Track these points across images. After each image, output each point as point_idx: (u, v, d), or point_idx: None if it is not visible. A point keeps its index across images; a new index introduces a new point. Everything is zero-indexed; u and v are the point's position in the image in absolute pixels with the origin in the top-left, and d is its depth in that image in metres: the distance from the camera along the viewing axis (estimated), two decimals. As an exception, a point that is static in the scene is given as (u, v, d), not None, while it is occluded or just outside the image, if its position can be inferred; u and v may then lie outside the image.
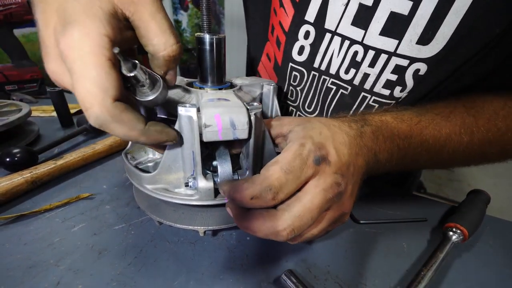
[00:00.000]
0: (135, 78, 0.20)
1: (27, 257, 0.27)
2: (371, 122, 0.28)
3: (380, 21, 0.31)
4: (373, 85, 0.35)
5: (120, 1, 0.19)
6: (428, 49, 0.30)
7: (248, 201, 0.21)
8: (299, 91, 0.43)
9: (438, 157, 0.32)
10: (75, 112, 0.68)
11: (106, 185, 0.40)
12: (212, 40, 0.26)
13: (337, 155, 0.23)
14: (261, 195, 0.21)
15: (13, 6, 0.73)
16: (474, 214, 0.34)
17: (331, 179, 0.22)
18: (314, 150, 0.22)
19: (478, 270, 0.30)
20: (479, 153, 0.33)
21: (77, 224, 0.32)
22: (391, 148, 0.28)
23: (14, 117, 0.48)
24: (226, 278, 0.27)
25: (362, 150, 0.26)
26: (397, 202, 0.41)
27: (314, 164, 0.22)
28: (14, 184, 0.35)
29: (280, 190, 0.21)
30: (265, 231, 0.22)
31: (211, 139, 0.23)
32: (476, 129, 0.31)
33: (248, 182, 0.21)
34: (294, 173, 0.21)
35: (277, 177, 0.21)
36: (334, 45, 0.36)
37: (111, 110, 0.18)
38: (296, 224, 0.21)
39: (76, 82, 0.18)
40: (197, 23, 2.36)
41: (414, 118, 0.30)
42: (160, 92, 0.22)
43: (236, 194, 0.22)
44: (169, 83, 0.24)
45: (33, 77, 0.82)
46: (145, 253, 0.29)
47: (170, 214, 0.30)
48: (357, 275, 0.28)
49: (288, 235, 0.21)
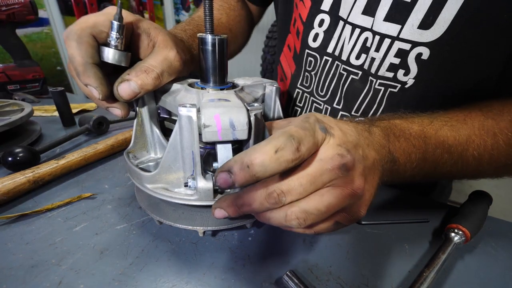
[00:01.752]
0: (121, 27, 0.25)
1: (29, 256, 0.27)
2: (378, 124, 0.28)
3: (384, 8, 0.32)
4: (377, 69, 0.36)
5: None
6: (430, 33, 0.31)
7: (273, 156, 0.18)
8: (313, 75, 0.46)
9: (463, 162, 0.31)
10: (77, 111, 0.68)
11: (107, 184, 0.40)
12: (214, 41, 0.26)
13: (342, 132, 0.22)
14: (286, 145, 0.19)
15: (16, 6, 0.73)
16: (476, 215, 0.34)
17: (333, 149, 0.21)
18: (318, 121, 0.22)
19: (480, 272, 0.30)
20: (508, 156, 0.31)
21: (79, 224, 0.32)
22: (406, 147, 0.27)
23: (16, 116, 0.49)
24: (228, 279, 0.27)
25: (373, 144, 0.25)
26: (398, 203, 0.41)
27: (321, 132, 0.21)
28: (16, 183, 0.35)
29: (301, 141, 0.19)
30: (277, 217, 0.21)
31: (211, 140, 0.23)
32: (499, 131, 0.30)
33: (264, 141, 0.20)
34: (308, 130, 0.20)
35: (294, 130, 0.20)
36: (346, 32, 0.38)
37: (83, 35, 0.25)
38: (306, 207, 0.20)
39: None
40: (198, 24, 2.37)
41: (425, 120, 0.30)
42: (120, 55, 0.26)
43: (255, 155, 0.19)
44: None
45: (35, 76, 0.82)
46: (146, 253, 0.29)
47: (170, 213, 0.30)
48: (359, 276, 0.28)
49: (299, 221, 0.20)
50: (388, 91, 0.37)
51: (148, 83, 0.27)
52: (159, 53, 0.28)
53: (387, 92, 0.38)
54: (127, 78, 0.26)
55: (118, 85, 0.27)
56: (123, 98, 0.27)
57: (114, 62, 0.26)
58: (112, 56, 0.26)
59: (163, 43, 0.28)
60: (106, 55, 0.26)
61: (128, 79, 0.26)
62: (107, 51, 0.26)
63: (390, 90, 0.37)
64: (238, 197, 0.23)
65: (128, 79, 0.26)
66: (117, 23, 0.25)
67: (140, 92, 0.27)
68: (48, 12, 2.18)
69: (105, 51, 0.26)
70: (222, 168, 0.20)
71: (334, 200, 0.21)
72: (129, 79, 0.26)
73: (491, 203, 0.38)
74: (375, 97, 0.39)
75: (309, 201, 0.21)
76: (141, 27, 0.28)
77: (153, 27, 0.28)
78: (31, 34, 2.17)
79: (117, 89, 0.27)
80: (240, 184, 0.20)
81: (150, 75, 0.27)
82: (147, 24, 0.28)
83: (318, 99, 0.47)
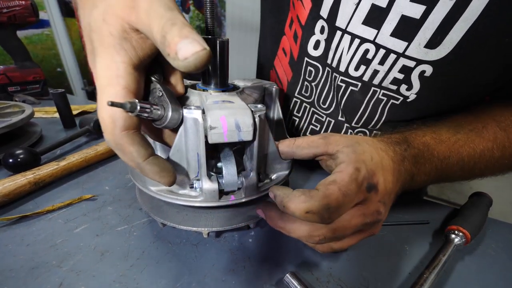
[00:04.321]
0: (139, 116, 0.21)
1: (30, 258, 0.27)
2: (414, 145, 0.29)
3: (392, 23, 0.31)
4: (381, 81, 0.36)
5: (125, 16, 0.19)
6: (435, 52, 0.30)
7: (302, 214, 0.21)
8: (314, 86, 0.43)
9: (470, 173, 0.33)
10: (77, 113, 0.68)
11: (108, 186, 0.40)
12: (216, 43, 0.26)
13: (384, 184, 0.24)
14: (318, 212, 0.21)
15: (17, 8, 0.74)
16: (476, 216, 0.34)
17: (374, 206, 0.23)
18: (368, 177, 0.23)
19: (481, 273, 0.30)
20: (509, 166, 0.34)
21: (79, 225, 0.32)
22: (429, 171, 0.29)
23: (17, 118, 0.49)
24: (229, 280, 0.27)
25: (402, 175, 0.27)
26: (398, 205, 0.41)
27: (366, 191, 0.23)
28: (17, 185, 0.35)
29: (336, 211, 0.21)
30: (300, 234, 0.24)
31: (217, 141, 0.23)
32: (508, 144, 0.32)
33: (305, 195, 0.21)
34: (350, 196, 0.22)
35: (335, 197, 0.21)
36: (344, 43, 0.36)
37: (117, 139, 0.21)
38: (328, 235, 0.23)
39: (97, 108, 0.21)
40: (198, 25, 2.38)
41: (451, 138, 0.31)
42: (169, 121, 0.22)
43: (290, 203, 0.21)
44: (177, 94, 0.26)
45: (35, 78, 0.82)
46: (147, 254, 0.29)
47: (173, 215, 0.30)
48: (359, 278, 0.28)
49: (319, 240, 0.23)
50: (390, 102, 0.37)
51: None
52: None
53: (389, 103, 0.37)
54: (185, 35, 0.18)
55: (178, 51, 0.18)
56: (191, 63, 0.18)
57: (173, 121, 0.23)
58: (173, 125, 0.23)
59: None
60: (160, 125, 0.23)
61: (186, 35, 0.18)
62: (160, 124, 0.23)
63: (392, 102, 0.37)
64: (282, 218, 0.25)
65: (186, 35, 0.18)
66: (135, 113, 0.20)
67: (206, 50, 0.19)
68: (49, 14, 2.19)
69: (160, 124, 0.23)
70: (272, 190, 0.25)
71: (353, 242, 0.25)
72: (187, 36, 0.18)
73: (491, 204, 0.38)
74: (376, 108, 0.38)
75: (339, 243, 0.25)
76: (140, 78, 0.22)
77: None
78: (31, 35, 2.17)
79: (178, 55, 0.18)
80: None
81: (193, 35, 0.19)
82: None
83: (320, 112, 0.44)
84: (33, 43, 2.18)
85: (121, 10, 0.19)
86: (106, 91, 0.20)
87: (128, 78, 0.20)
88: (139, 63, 0.21)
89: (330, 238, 0.23)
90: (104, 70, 0.20)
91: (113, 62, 0.20)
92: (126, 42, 0.20)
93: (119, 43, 0.20)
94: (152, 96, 0.24)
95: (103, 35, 0.20)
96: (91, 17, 0.20)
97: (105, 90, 0.20)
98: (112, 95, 0.20)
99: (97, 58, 0.20)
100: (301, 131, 0.48)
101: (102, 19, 0.19)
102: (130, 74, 0.20)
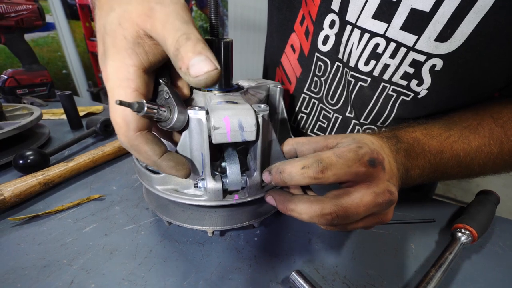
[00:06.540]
0: (147, 116, 0.21)
1: (42, 256, 0.28)
2: (403, 139, 0.29)
3: (402, 16, 0.31)
4: (392, 76, 0.35)
5: (140, 22, 0.20)
6: (446, 46, 0.30)
7: (299, 170, 0.22)
8: (323, 82, 0.43)
9: (468, 170, 0.33)
10: (84, 114, 0.69)
11: (115, 186, 0.41)
12: (220, 44, 0.27)
13: (390, 165, 0.24)
14: (311, 165, 0.22)
15: (24, 12, 0.75)
16: (483, 215, 0.34)
17: (384, 185, 0.23)
18: (370, 153, 0.23)
19: (488, 272, 0.30)
20: (509, 162, 0.33)
21: (88, 225, 0.33)
22: (422, 164, 0.29)
23: (26, 120, 0.50)
24: (235, 278, 0.27)
25: (399, 165, 0.27)
26: (404, 203, 0.41)
27: (368, 164, 0.23)
28: (28, 185, 0.36)
29: (329, 167, 0.22)
30: (311, 213, 0.23)
31: (220, 141, 0.24)
32: (506, 140, 0.32)
33: (298, 158, 0.23)
34: (345, 159, 0.22)
35: (328, 156, 0.22)
36: (354, 37, 0.36)
37: (131, 140, 0.21)
38: (341, 213, 0.22)
39: (109, 110, 0.21)
40: (201, 25, 2.38)
41: (443, 134, 0.31)
42: (175, 123, 0.23)
43: (287, 166, 0.23)
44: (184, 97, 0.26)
45: (43, 80, 0.83)
46: (155, 253, 0.29)
47: (179, 214, 0.30)
48: (365, 276, 0.28)
49: (331, 219, 0.22)
50: (400, 98, 0.36)
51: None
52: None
53: (399, 100, 0.36)
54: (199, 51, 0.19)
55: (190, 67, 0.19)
56: (202, 81, 0.19)
57: (178, 123, 0.23)
58: (178, 127, 0.24)
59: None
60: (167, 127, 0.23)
61: (200, 52, 0.19)
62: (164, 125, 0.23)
63: (402, 98, 0.36)
64: (292, 200, 0.24)
65: (199, 52, 0.19)
66: (142, 113, 0.20)
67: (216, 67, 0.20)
68: (54, 17, 2.22)
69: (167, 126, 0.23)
70: (267, 169, 0.26)
71: (362, 226, 0.25)
72: (200, 52, 0.19)
73: (499, 202, 0.38)
74: (385, 105, 0.38)
75: (350, 224, 0.25)
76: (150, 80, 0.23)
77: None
78: (37, 38, 2.21)
79: (190, 71, 0.19)
80: (275, 184, 0.25)
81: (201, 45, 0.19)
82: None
83: (328, 107, 0.44)
84: (39, 46, 2.22)
85: (137, 16, 0.20)
86: (116, 93, 0.21)
87: (138, 81, 0.21)
88: (150, 67, 0.22)
89: (342, 217, 0.22)
90: (115, 72, 0.20)
91: (124, 64, 0.20)
92: (139, 47, 0.20)
93: (132, 47, 0.20)
94: (159, 97, 0.24)
95: (117, 38, 0.20)
96: (107, 19, 0.21)
97: (115, 91, 0.21)
98: (121, 97, 0.20)
99: (108, 60, 0.21)
100: (308, 128, 0.49)
101: (118, 22, 0.20)
102: (140, 77, 0.21)
